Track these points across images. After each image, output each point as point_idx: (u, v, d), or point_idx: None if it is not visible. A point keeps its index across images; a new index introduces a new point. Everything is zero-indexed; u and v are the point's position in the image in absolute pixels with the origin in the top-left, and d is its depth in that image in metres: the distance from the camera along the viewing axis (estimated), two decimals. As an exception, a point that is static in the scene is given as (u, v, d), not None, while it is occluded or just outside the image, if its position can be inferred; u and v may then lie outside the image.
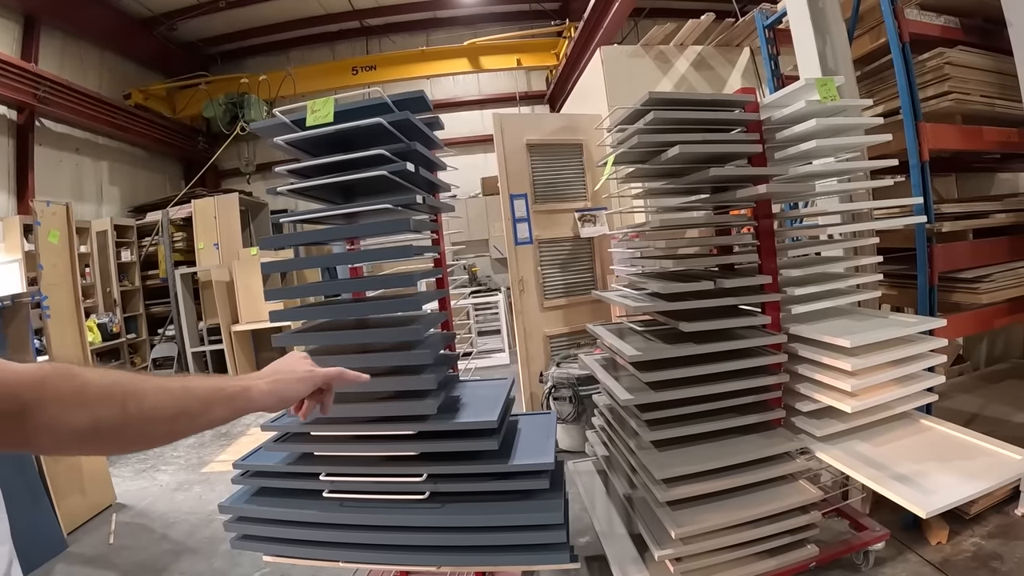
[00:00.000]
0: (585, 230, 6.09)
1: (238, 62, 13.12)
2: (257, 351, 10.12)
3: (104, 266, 9.74)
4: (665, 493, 2.69)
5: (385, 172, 2.23)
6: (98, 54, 10.89)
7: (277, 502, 2.64)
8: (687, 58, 6.89)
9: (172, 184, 12.90)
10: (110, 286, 9.75)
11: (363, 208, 2.41)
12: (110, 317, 9.34)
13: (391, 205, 2.37)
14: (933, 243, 3.58)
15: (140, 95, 11.38)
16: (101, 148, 10.93)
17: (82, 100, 9.68)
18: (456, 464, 2.47)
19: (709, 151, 2.80)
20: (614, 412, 3.36)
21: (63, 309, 5.10)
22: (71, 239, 5.29)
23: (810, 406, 2.98)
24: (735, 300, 3.04)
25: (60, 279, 5.12)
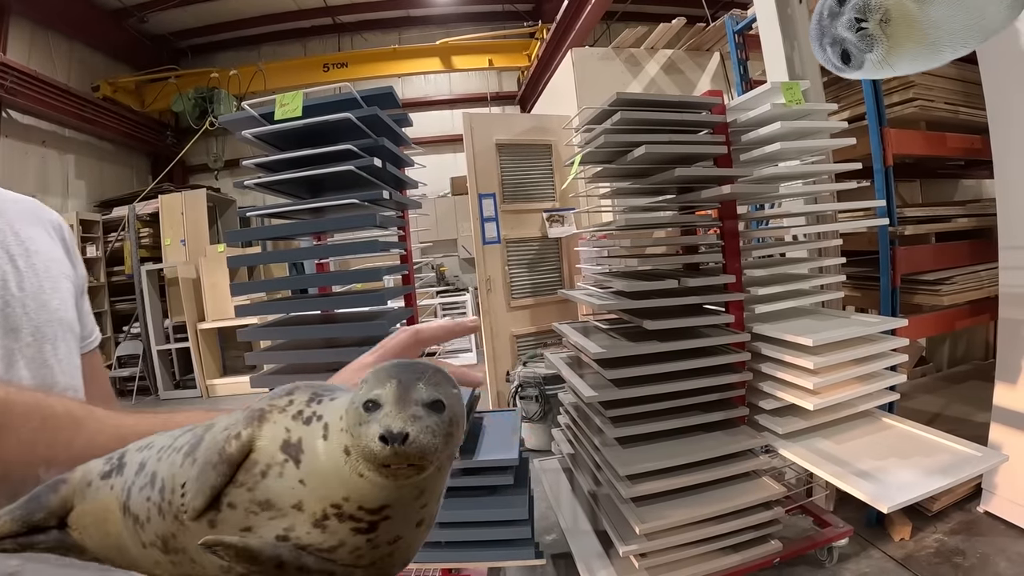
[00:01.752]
0: (553, 230, 6.12)
1: (209, 56, 12.99)
2: (224, 349, 10.05)
3: (69, 261, 9.52)
4: (629, 489, 2.72)
5: (352, 167, 2.24)
6: (67, 45, 10.72)
7: None
8: (657, 61, 6.94)
9: (139, 179, 12.73)
10: (75, 282, 9.53)
11: (330, 203, 2.40)
12: (74, 313, 9.16)
13: (357, 200, 2.36)
14: (896, 246, 3.65)
15: (109, 87, 11.20)
16: (68, 141, 10.76)
17: (50, 91, 9.52)
18: None
19: (675, 152, 2.84)
20: (579, 410, 3.38)
21: (26, 304, 4.98)
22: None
23: (773, 404, 3.02)
24: (699, 299, 3.07)
25: (23, 274, 5.00)
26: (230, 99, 11.79)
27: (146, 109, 12.26)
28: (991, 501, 3.60)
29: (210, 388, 9.45)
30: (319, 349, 2.58)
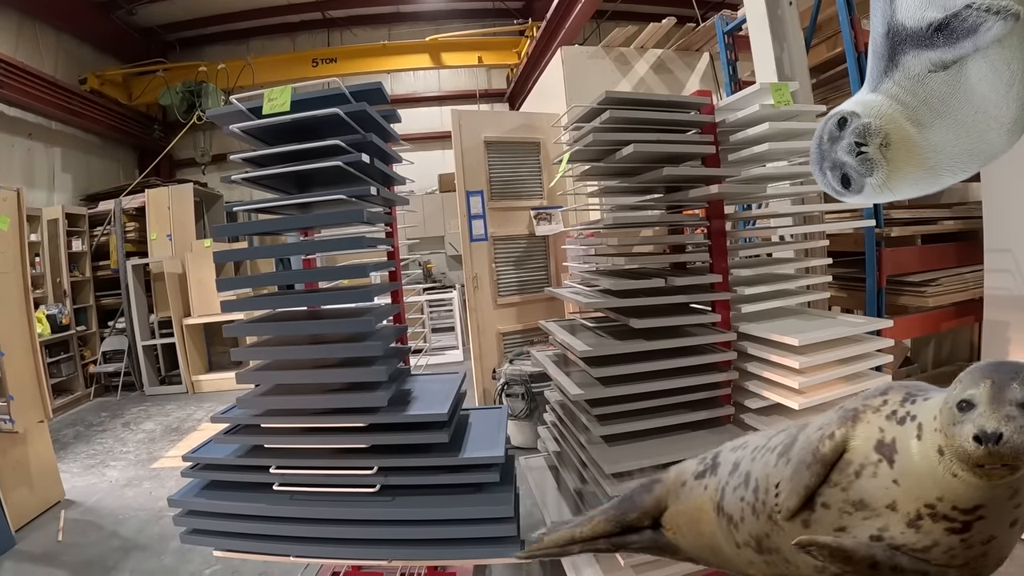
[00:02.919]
0: (540, 228, 6.12)
1: (197, 50, 12.93)
2: (209, 345, 10.05)
3: (54, 255, 9.49)
4: (615, 487, 2.71)
5: (340, 163, 2.23)
6: (55, 36, 10.65)
7: (228, 496, 2.60)
8: (647, 61, 6.99)
9: (126, 172, 12.64)
10: (60, 276, 9.51)
11: (317, 198, 2.39)
12: (59, 308, 9.13)
13: (344, 196, 2.36)
14: (882, 247, 3.68)
15: (96, 80, 11.14)
16: (55, 134, 10.69)
17: (37, 83, 9.45)
18: (406, 457, 2.46)
19: (663, 151, 2.85)
20: (565, 408, 3.39)
21: (11, 300, 4.96)
22: (21, 227, 5.14)
23: (758, 403, 3.04)
24: (686, 298, 3.08)
25: (9, 268, 4.96)
26: (218, 93, 11.74)
27: (133, 102, 12.19)
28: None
29: (195, 384, 9.45)
30: (305, 345, 2.58)
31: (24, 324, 5.09)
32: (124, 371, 9.60)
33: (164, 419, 8.03)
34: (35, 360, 5.13)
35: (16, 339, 4.95)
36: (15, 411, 4.72)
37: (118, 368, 9.60)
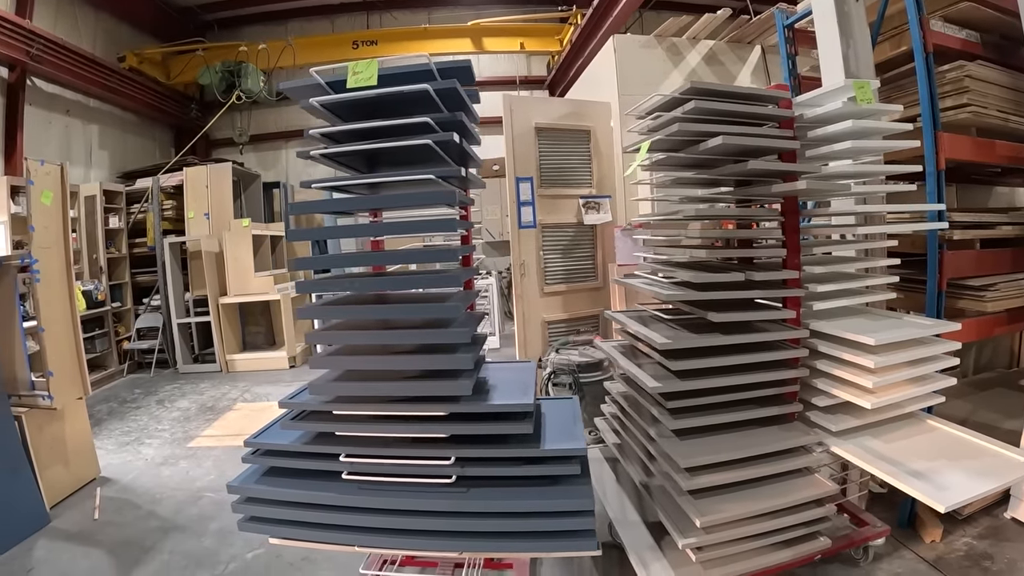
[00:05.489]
0: (589, 217, 6.04)
1: (235, 30, 12.91)
2: (244, 325, 10.08)
3: (91, 232, 9.56)
4: (688, 482, 2.67)
5: (430, 141, 2.16)
6: (93, 15, 10.64)
7: (291, 483, 2.54)
8: (699, 52, 6.91)
9: (162, 151, 12.69)
10: (96, 253, 9.57)
11: (409, 177, 2.29)
12: (95, 284, 9.18)
13: (433, 176, 2.27)
14: (944, 250, 3.60)
15: (135, 58, 11.14)
16: (92, 111, 10.68)
17: (76, 60, 9.43)
18: (486, 448, 2.39)
19: (745, 144, 2.76)
20: (630, 400, 3.32)
21: (53, 275, 4.92)
22: (64, 201, 5.09)
23: (826, 401, 3.01)
24: (760, 293, 3.02)
25: (51, 242, 4.92)
26: (258, 73, 11.71)
27: (171, 81, 12.19)
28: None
29: (229, 363, 9.47)
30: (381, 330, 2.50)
31: (65, 300, 5.07)
32: (158, 348, 9.65)
33: (198, 397, 8.03)
34: (75, 337, 5.12)
35: (57, 315, 4.94)
36: (54, 387, 4.70)
37: (152, 345, 9.64)
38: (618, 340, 3.65)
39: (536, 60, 13.20)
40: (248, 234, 9.28)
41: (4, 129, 8.64)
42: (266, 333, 10.28)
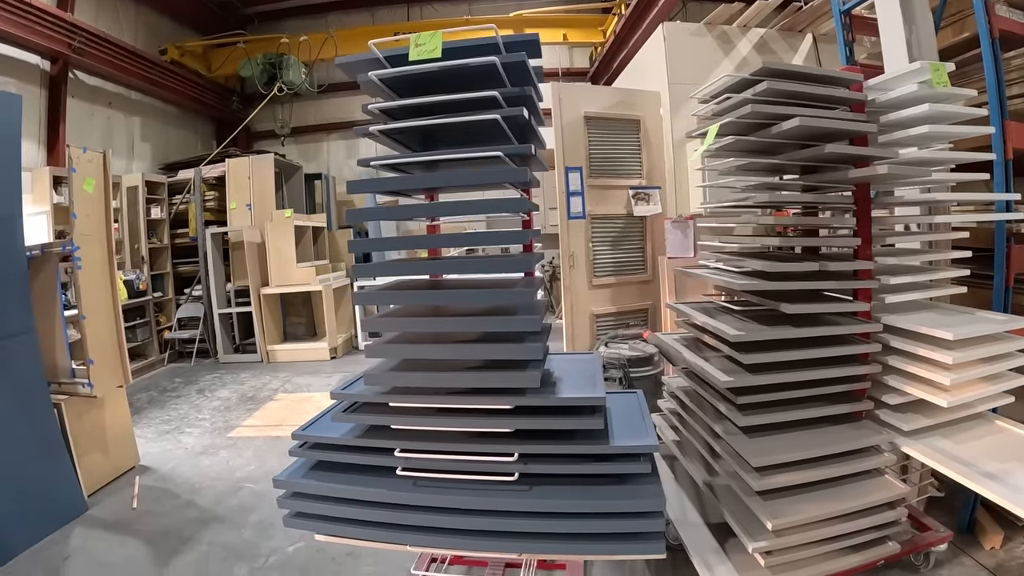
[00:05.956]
0: (638, 208, 5.89)
1: (275, 24, 12.90)
2: (285, 315, 10.13)
3: (133, 222, 9.64)
4: (759, 482, 2.54)
5: (498, 117, 2.03)
6: (134, 8, 10.72)
7: (340, 478, 2.40)
8: (749, 40, 6.75)
9: (204, 143, 12.78)
10: (138, 243, 9.65)
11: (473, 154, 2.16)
12: (137, 274, 9.26)
13: (501, 153, 2.14)
14: (1011, 243, 3.42)
15: (176, 51, 11.19)
16: (134, 103, 10.79)
17: (118, 53, 9.50)
18: (552, 444, 2.24)
19: (820, 127, 2.62)
20: (691, 394, 3.19)
21: (95, 263, 4.90)
22: (107, 188, 5.07)
23: (897, 399, 2.85)
24: (833, 284, 2.86)
25: (93, 230, 4.90)
26: (299, 65, 11.69)
27: (212, 74, 12.25)
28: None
29: (270, 354, 9.48)
30: (440, 318, 2.38)
31: (107, 288, 5.05)
32: (199, 338, 9.70)
33: (239, 387, 8.03)
34: (116, 325, 5.09)
35: (99, 303, 4.91)
36: (94, 375, 4.67)
37: (193, 335, 9.70)
38: (677, 333, 3.51)
39: (578, 52, 13.04)
40: (290, 225, 9.27)
41: (47, 120, 8.72)
42: (307, 324, 10.31)
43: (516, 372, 2.20)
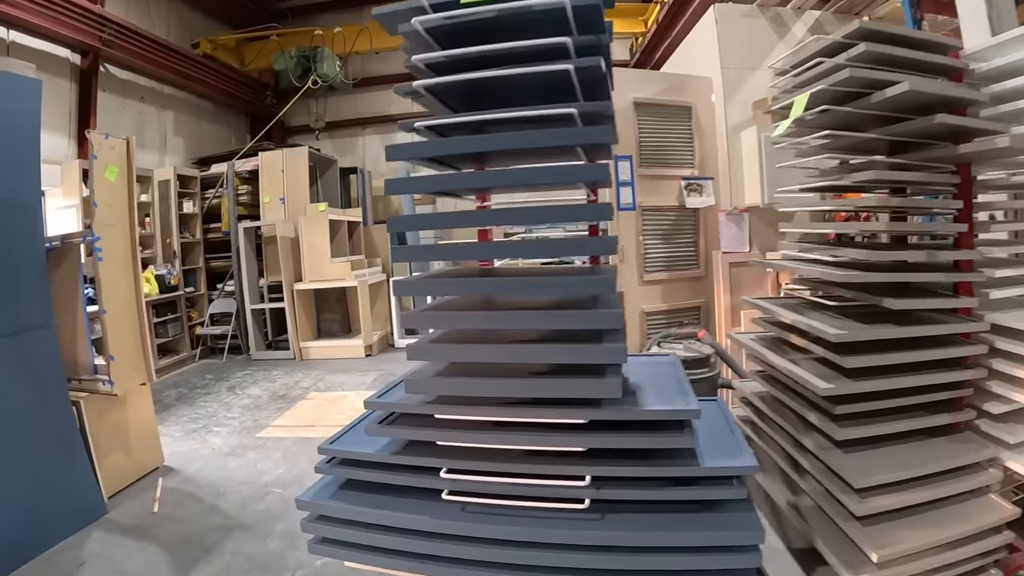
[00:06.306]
0: (691, 200, 5.55)
1: (309, 18, 12.74)
2: (319, 312, 9.98)
3: (165, 216, 9.50)
4: (861, 505, 2.17)
5: (570, 67, 1.69)
6: (166, 3, 10.64)
7: (375, 500, 2.03)
8: (804, 23, 6.39)
9: (237, 138, 12.66)
10: (170, 237, 9.52)
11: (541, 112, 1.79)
12: (168, 269, 9.10)
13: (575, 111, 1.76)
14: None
15: (209, 45, 11.08)
16: (166, 98, 10.70)
17: (149, 46, 9.39)
18: (632, 465, 1.85)
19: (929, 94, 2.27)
20: (769, 401, 2.83)
21: (117, 253, 4.65)
22: (130, 176, 4.81)
23: (1001, 407, 2.44)
24: (939, 277, 2.49)
25: (116, 220, 4.64)
26: (334, 58, 11.48)
27: (246, 68, 12.11)
28: None
29: (303, 351, 9.30)
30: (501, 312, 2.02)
31: (130, 282, 4.80)
32: (231, 334, 9.53)
33: (270, 385, 7.82)
34: (140, 320, 4.85)
35: (121, 297, 4.67)
36: (115, 372, 4.42)
37: (225, 331, 9.55)
38: (751, 332, 3.14)
39: (618, 44, 12.68)
40: (325, 219, 9.08)
41: (78, 114, 8.63)
42: (342, 321, 10.13)
43: (592, 379, 1.81)
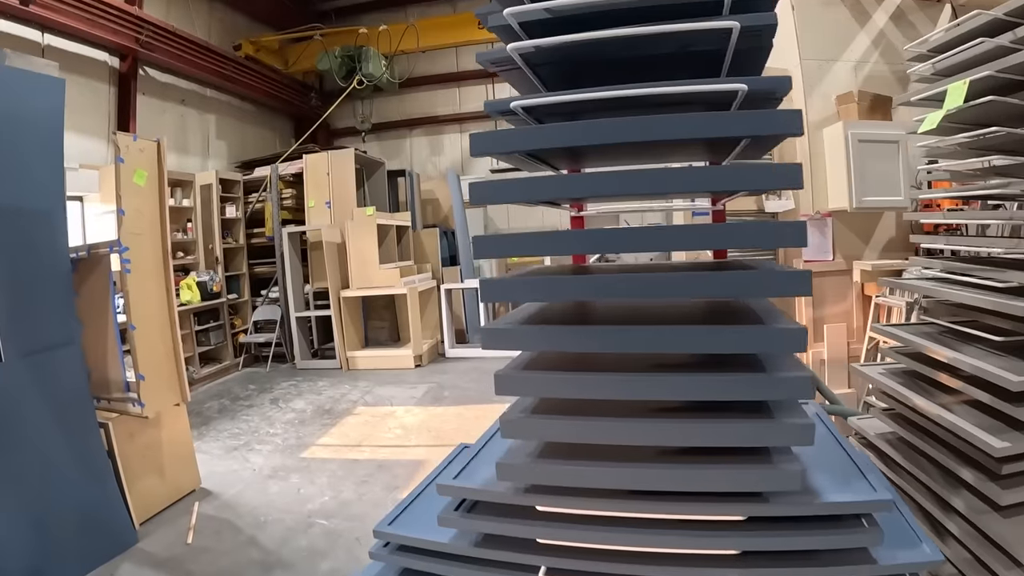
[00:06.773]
0: (770, 204, 5.16)
1: (353, 18, 12.46)
2: (366, 319, 9.72)
3: (207, 221, 9.30)
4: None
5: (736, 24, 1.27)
6: (207, 5, 10.49)
7: None
8: (885, 11, 6.07)
9: (282, 141, 12.45)
10: (212, 243, 9.32)
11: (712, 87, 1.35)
12: (210, 275, 8.92)
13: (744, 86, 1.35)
14: None
15: (251, 46, 10.86)
16: (208, 100, 10.53)
17: (188, 47, 9.20)
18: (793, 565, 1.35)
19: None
20: (899, 447, 2.39)
21: (146, 267, 4.35)
22: (161, 183, 4.49)
23: None
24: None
25: (145, 228, 4.33)
26: (379, 57, 11.16)
27: (289, 69, 11.90)
28: None
29: (350, 360, 9.03)
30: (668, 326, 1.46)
31: (162, 295, 4.51)
32: (275, 342, 9.30)
33: (315, 397, 7.54)
34: (173, 335, 4.55)
35: (151, 312, 4.39)
36: (146, 392, 4.14)
37: (269, 339, 9.31)
38: (881, 364, 2.68)
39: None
40: (372, 223, 8.80)
41: (116, 118, 8.45)
42: (390, 329, 9.86)
43: (758, 468, 1.33)
